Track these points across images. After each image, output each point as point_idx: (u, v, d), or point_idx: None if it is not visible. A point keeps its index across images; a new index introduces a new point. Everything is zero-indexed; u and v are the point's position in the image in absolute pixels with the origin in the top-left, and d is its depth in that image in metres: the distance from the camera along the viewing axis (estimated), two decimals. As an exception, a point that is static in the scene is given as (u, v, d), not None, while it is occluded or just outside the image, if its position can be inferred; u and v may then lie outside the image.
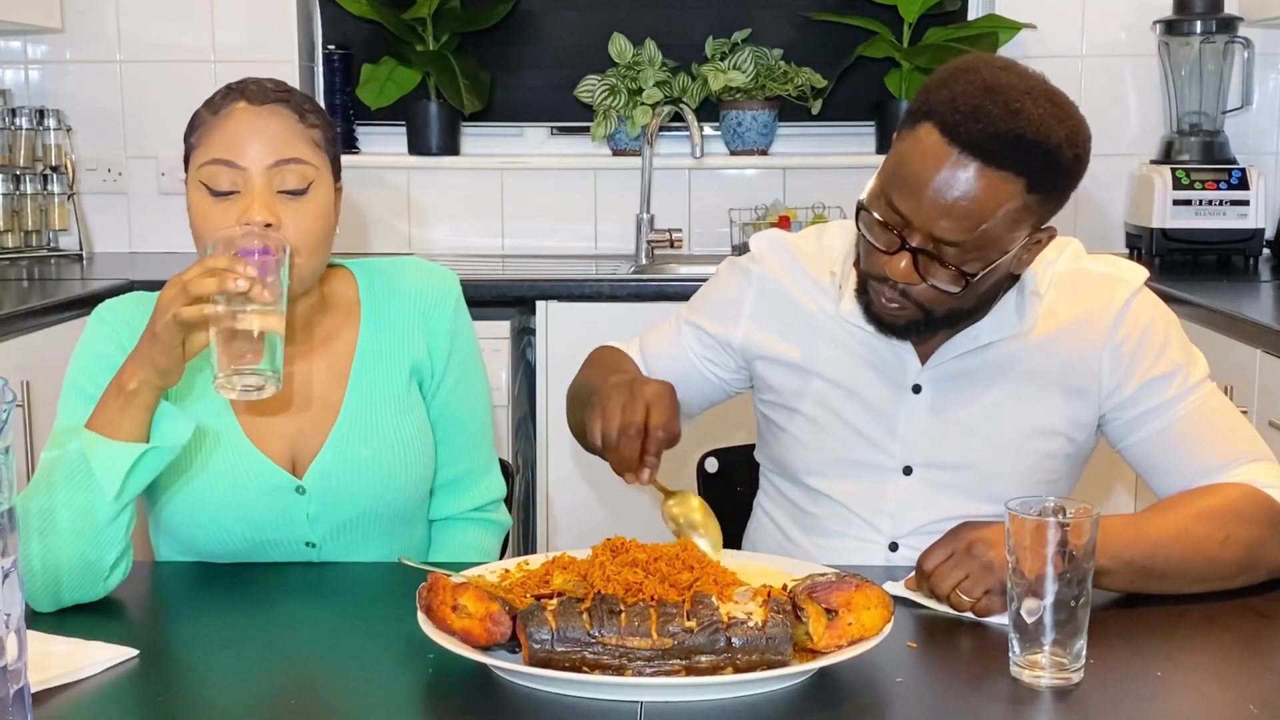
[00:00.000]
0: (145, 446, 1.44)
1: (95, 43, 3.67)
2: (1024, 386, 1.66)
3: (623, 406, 1.50)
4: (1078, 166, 1.51)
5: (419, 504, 1.77)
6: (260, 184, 1.56)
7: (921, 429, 1.68)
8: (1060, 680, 1.26)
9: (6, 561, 0.99)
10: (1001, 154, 1.45)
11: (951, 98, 1.48)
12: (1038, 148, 1.46)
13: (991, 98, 1.47)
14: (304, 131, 1.60)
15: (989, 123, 1.46)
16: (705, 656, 1.24)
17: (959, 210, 1.47)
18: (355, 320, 1.73)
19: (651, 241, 3.59)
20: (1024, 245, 1.54)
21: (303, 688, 1.33)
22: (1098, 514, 1.28)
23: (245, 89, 1.61)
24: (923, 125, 1.49)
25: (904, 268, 1.52)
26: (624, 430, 1.49)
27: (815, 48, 3.75)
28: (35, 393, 2.60)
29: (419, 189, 3.77)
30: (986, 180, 1.46)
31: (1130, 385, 1.64)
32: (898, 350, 1.67)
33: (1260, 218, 3.38)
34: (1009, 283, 1.62)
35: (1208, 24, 3.47)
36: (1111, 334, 1.64)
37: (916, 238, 1.50)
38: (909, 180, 1.49)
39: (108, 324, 1.67)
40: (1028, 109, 1.47)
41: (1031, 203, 1.49)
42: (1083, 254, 1.70)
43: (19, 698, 1.02)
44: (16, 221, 3.57)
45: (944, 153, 1.47)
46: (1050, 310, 1.65)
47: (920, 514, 1.69)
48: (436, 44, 3.64)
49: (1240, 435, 1.63)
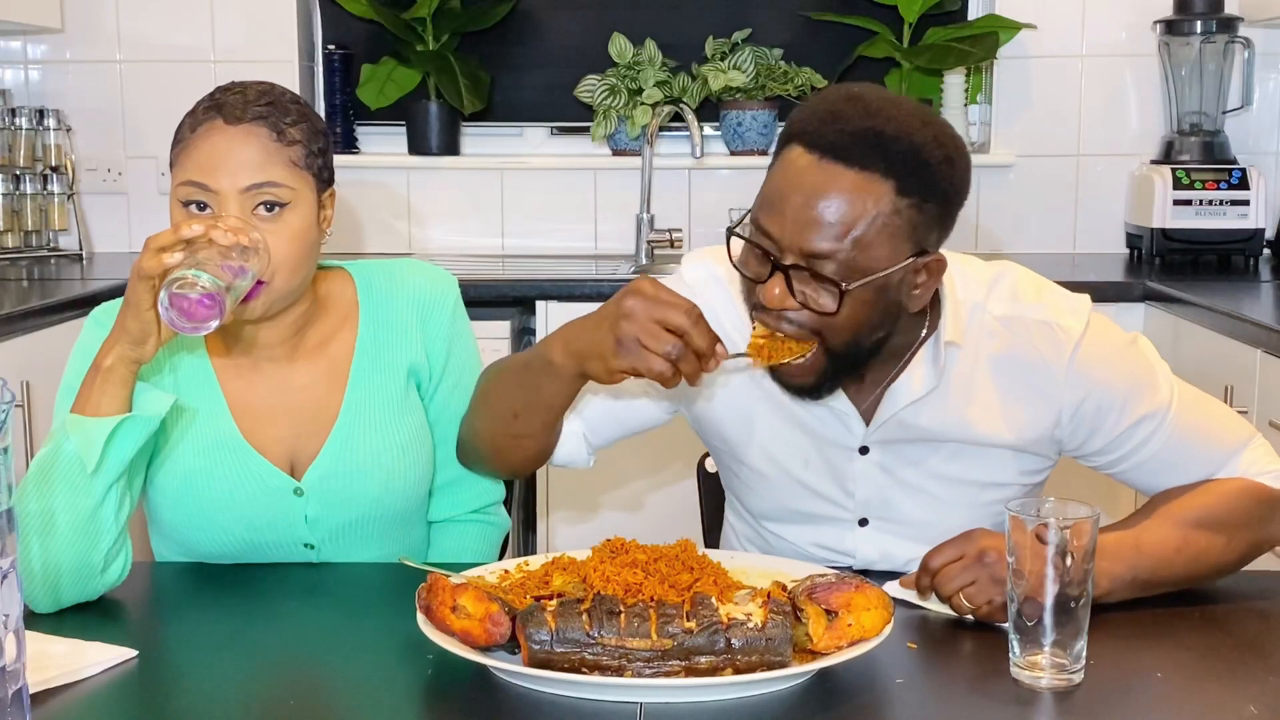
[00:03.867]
0: (121, 417, 1.45)
1: (95, 43, 3.67)
2: (973, 449, 1.59)
3: (653, 318, 1.40)
4: (950, 170, 1.44)
5: (418, 505, 1.77)
6: (234, 207, 1.55)
7: (873, 487, 1.63)
8: (1060, 681, 1.26)
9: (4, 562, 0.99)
10: (862, 152, 1.40)
11: (811, 112, 1.46)
12: (899, 144, 1.40)
13: (850, 104, 1.44)
14: (280, 151, 1.56)
15: (846, 123, 1.42)
16: (705, 657, 1.24)
17: (826, 217, 1.40)
18: (353, 322, 1.72)
19: (651, 241, 3.59)
20: (908, 268, 1.45)
21: (303, 688, 1.33)
22: (1098, 515, 1.28)
23: (224, 105, 1.57)
24: (787, 148, 1.46)
25: (778, 293, 1.43)
26: (687, 323, 1.39)
27: (815, 48, 3.75)
28: (35, 393, 2.60)
29: (419, 189, 3.76)
30: (850, 181, 1.40)
31: (1098, 440, 1.58)
32: (841, 414, 1.59)
33: (1260, 218, 3.38)
34: (900, 317, 1.50)
35: (1208, 24, 3.47)
36: (1061, 397, 1.55)
37: (788, 257, 1.43)
38: (775, 199, 1.44)
39: (104, 326, 1.66)
40: (887, 110, 1.43)
41: (905, 209, 1.41)
42: (1020, 291, 1.58)
43: (18, 698, 1.01)
44: (16, 221, 3.57)
45: (806, 162, 1.42)
46: (991, 370, 1.56)
47: (883, 559, 1.65)
48: (436, 44, 3.64)
49: (1222, 431, 1.59)
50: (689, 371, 1.42)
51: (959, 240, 1.54)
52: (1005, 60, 3.63)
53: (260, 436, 1.67)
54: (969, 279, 1.58)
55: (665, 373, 1.41)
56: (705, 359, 1.42)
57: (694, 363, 1.41)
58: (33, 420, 2.62)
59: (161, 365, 1.66)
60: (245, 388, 1.68)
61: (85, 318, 1.70)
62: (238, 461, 1.65)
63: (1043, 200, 3.68)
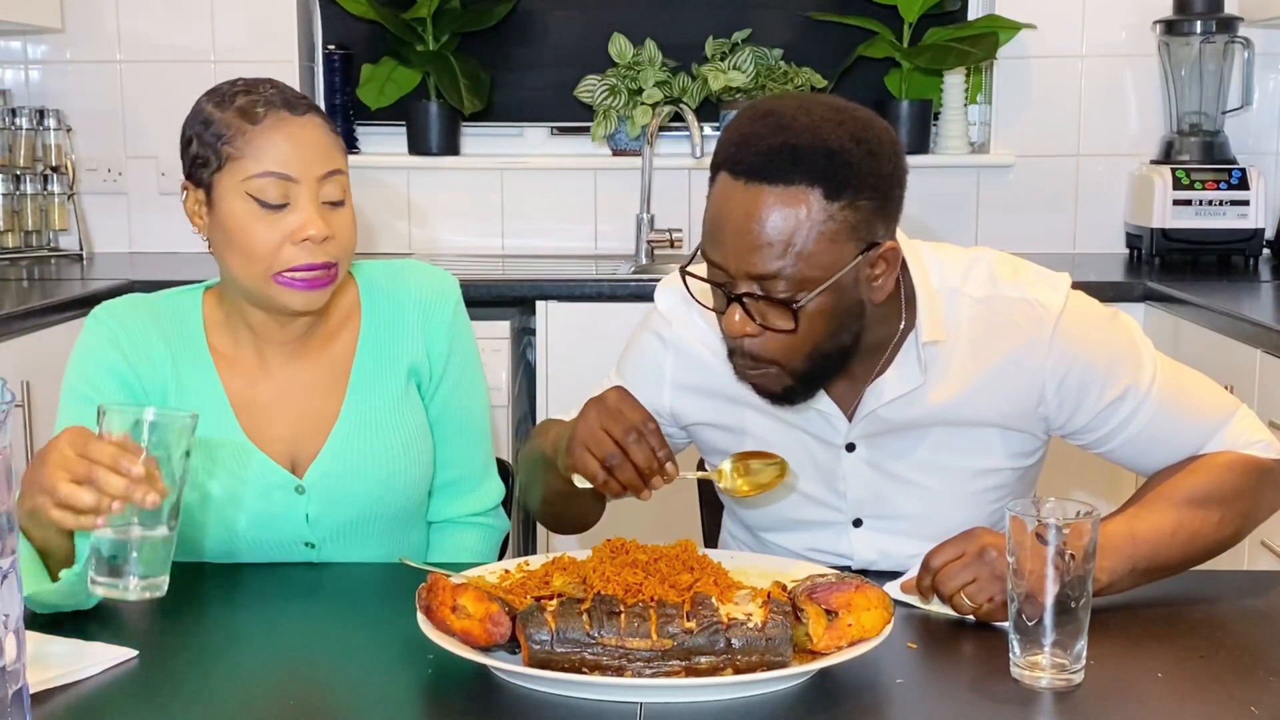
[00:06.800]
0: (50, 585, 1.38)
1: (95, 43, 3.66)
2: (958, 433, 1.60)
3: (603, 426, 1.46)
4: (874, 163, 1.43)
5: (418, 505, 1.77)
6: (311, 196, 1.57)
7: (863, 484, 1.64)
8: (1061, 681, 1.26)
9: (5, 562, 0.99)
10: (781, 169, 1.40)
11: (730, 138, 1.47)
12: (815, 152, 1.40)
13: (762, 122, 1.44)
14: (336, 141, 1.62)
15: (760, 142, 1.42)
16: (705, 657, 1.24)
17: (764, 239, 1.41)
18: (355, 322, 1.73)
19: (651, 241, 3.59)
20: (859, 265, 1.44)
21: (303, 688, 1.33)
22: (1098, 515, 1.28)
23: (277, 99, 1.58)
24: (716, 177, 1.47)
25: (737, 320, 1.44)
26: (623, 440, 1.44)
27: (815, 48, 3.74)
28: (35, 393, 2.60)
29: (419, 189, 3.76)
30: (777, 199, 1.40)
31: (1082, 416, 1.58)
32: (823, 413, 1.60)
33: (1260, 218, 3.38)
34: (866, 313, 1.49)
35: (1208, 24, 3.47)
36: (1043, 373, 1.55)
37: (740, 284, 1.44)
38: (714, 230, 1.45)
39: (105, 325, 1.67)
40: (799, 121, 1.43)
41: (838, 212, 1.41)
42: (997, 273, 1.58)
43: (18, 698, 1.01)
44: (16, 221, 3.57)
45: (733, 189, 1.43)
46: (972, 349, 1.56)
47: (881, 559, 1.66)
48: (436, 44, 3.64)
49: (1207, 404, 1.59)
50: (625, 480, 1.46)
51: (960, 239, 1.54)
52: (1005, 60, 3.63)
53: (262, 435, 1.67)
54: (944, 266, 1.58)
55: (598, 478, 1.46)
56: (647, 474, 1.45)
57: (630, 474, 1.45)
58: (33, 420, 2.62)
59: (164, 365, 1.66)
60: (248, 386, 1.68)
61: (85, 318, 1.70)
62: (240, 459, 1.65)
63: (1043, 200, 3.69)
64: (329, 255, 1.58)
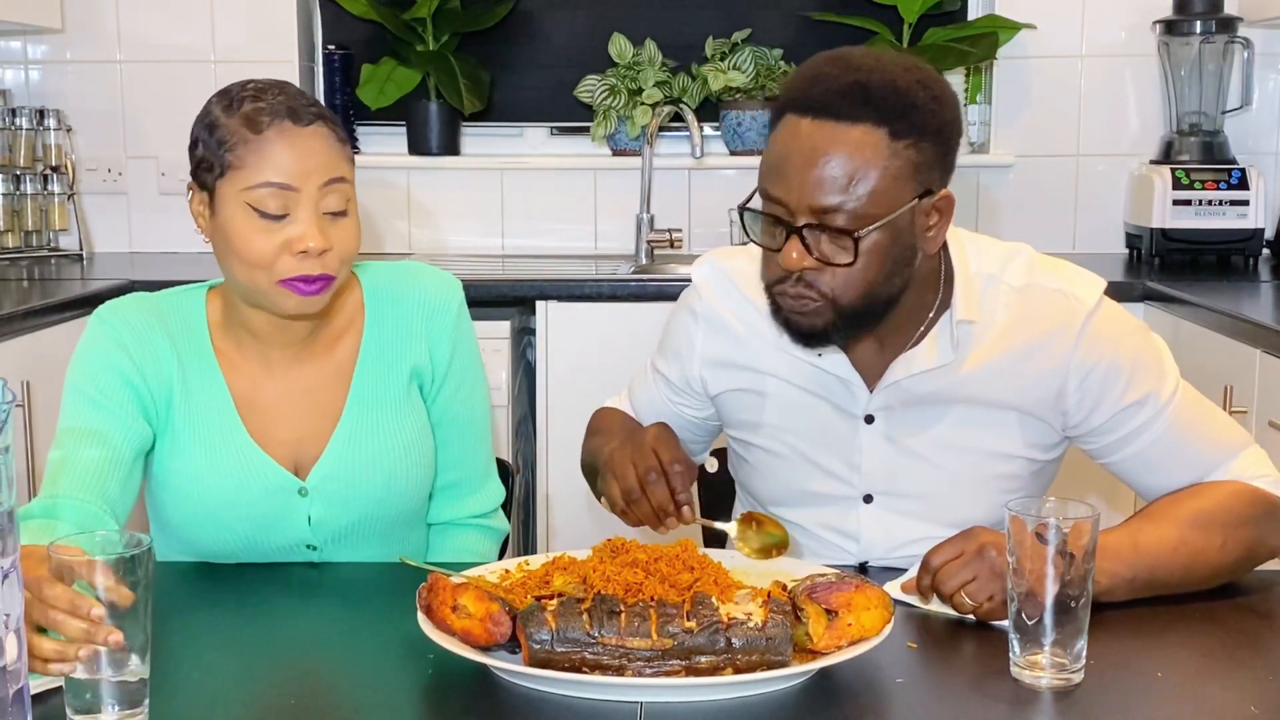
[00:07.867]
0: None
1: (95, 43, 3.66)
2: (978, 412, 1.61)
3: (631, 460, 1.53)
4: (940, 109, 1.49)
5: (419, 507, 1.78)
6: (311, 207, 1.56)
7: (879, 458, 1.65)
8: (1061, 681, 1.26)
9: (5, 562, 0.99)
10: (851, 107, 1.45)
11: (797, 79, 1.53)
12: (886, 91, 1.46)
13: (833, 64, 1.51)
14: (342, 149, 1.61)
15: (831, 82, 1.48)
16: (705, 657, 1.24)
17: (829, 173, 1.45)
18: (359, 324, 1.73)
19: (651, 241, 3.59)
20: (916, 209, 1.49)
21: (303, 688, 1.33)
22: (1098, 515, 1.28)
23: (283, 108, 1.56)
24: (781, 118, 1.51)
25: (795, 255, 1.48)
26: (643, 477, 1.51)
27: (815, 48, 3.66)
28: (35, 393, 2.60)
29: (419, 189, 3.76)
30: (845, 136, 1.45)
31: (1100, 415, 1.59)
32: (845, 380, 1.62)
33: (1260, 218, 3.38)
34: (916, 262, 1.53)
35: (1207, 24, 3.47)
36: (1069, 362, 1.57)
37: (800, 217, 1.47)
38: (778, 166, 1.49)
39: (109, 324, 1.67)
40: (869, 63, 1.49)
41: (902, 152, 1.46)
42: (1036, 265, 1.61)
43: (18, 698, 1.02)
44: (16, 221, 3.57)
45: (801, 127, 1.48)
46: (1003, 332, 1.58)
47: (886, 539, 1.67)
48: (436, 44, 3.64)
49: (1219, 433, 1.61)
50: (640, 516, 1.54)
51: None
52: (1005, 60, 3.63)
53: (266, 436, 1.67)
54: (984, 254, 1.61)
55: (617, 505, 1.56)
56: (662, 513, 1.52)
57: (646, 510, 1.53)
58: (33, 420, 2.62)
59: (169, 365, 1.66)
60: (252, 387, 1.68)
61: (86, 317, 1.70)
62: (243, 460, 1.65)
63: (1042, 200, 3.69)
64: (326, 267, 1.57)
